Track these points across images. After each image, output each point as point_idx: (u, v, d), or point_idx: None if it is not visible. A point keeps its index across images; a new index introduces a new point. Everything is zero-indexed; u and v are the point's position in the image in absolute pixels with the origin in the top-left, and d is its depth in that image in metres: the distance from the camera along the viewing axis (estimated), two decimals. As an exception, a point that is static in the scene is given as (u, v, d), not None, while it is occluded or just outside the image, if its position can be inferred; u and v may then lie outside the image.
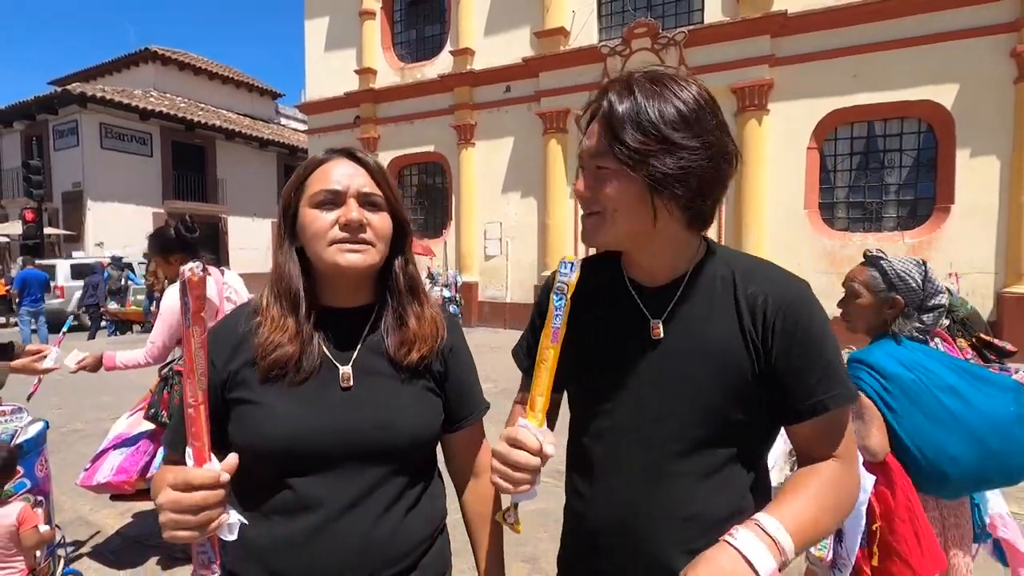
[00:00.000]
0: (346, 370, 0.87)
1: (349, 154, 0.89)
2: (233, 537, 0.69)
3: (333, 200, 0.84)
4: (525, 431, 0.76)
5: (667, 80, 0.78)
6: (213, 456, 0.68)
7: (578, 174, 0.89)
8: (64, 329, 2.56)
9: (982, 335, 5.30)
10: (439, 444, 0.99)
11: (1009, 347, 5.20)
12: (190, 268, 0.67)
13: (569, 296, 0.78)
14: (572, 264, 0.79)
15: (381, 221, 0.87)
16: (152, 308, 10.67)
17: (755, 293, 0.82)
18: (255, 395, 0.83)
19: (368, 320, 0.92)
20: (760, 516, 0.72)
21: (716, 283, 0.85)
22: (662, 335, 0.84)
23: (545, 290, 0.98)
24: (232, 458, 0.69)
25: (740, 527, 0.72)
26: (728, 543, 0.69)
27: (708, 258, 0.87)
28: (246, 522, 0.71)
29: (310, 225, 0.84)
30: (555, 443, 0.77)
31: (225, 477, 0.67)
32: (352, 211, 0.84)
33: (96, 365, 2.28)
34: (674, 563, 0.80)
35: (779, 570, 0.69)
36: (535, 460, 0.74)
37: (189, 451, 0.67)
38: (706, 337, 0.82)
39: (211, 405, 0.79)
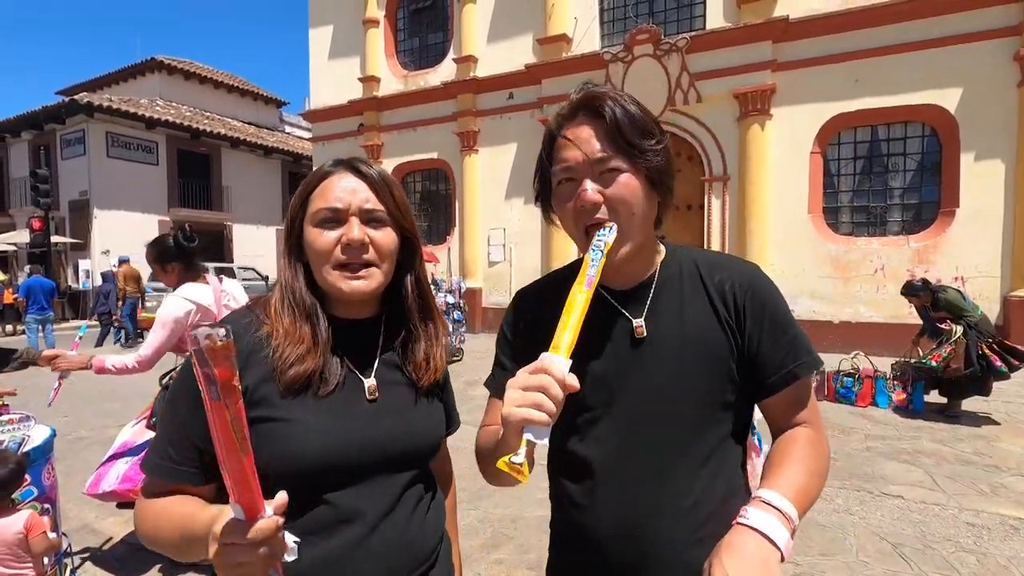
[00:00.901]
0: (371, 383, 0.87)
1: (351, 167, 0.87)
2: (295, 557, 0.65)
3: (335, 218, 0.83)
4: (550, 358, 0.69)
5: (625, 94, 0.86)
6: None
7: (551, 190, 0.90)
8: (80, 334, 2.58)
9: (1005, 341, 5.31)
10: None
11: None
12: (207, 335, 0.55)
13: (606, 253, 0.78)
14: (611, 228, 0.81)
15: (385, 237, 0.86)
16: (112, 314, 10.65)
17: (722, 280, 0.89)
18: (281, 412, 0.79)
19: (380, 331, 0.92)
20: (762, 492, 0.76)
21: (683, 277, 0.91)
22: (645, 333, 0.87)
23: (509, 309, 1.02)
24: (281, 497, 0.64)
25: (748, 507, 0.74)
26: (743, 525, 0.72)
27: (670, 256, 0.94)
28: (299, 541, 0.66)
29: (312, 245, 0.83)
30: (577, 381, 0.69)
31: (280, 520, 0.62)
32: (354, 230, 0.82)
33: (82, 366, 2.30)
34: (686, 555, 0.82)
35: (791, 538, 0.72)
36: (558, 389, 0.67)
37: (238, 506, 0.60)
38: (685, 328, 0.87)
39: None
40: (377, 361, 0.90)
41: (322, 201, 0.84)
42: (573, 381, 0.68)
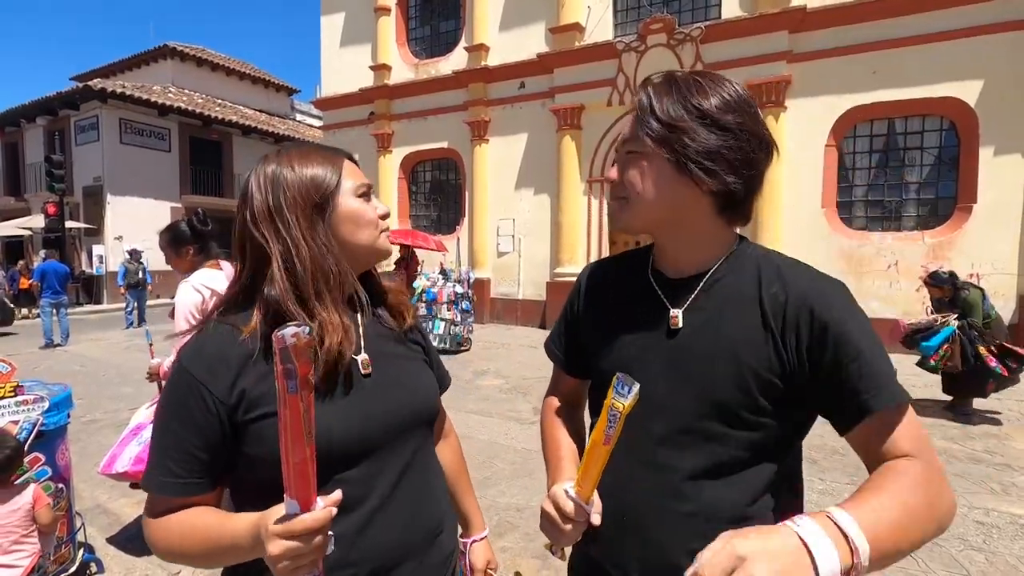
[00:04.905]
0: (364, 357, 0.89)
1: (347, 155, 0.96)
2: (332, 549, 0.69)
3: (368, 193, 0.92)
4: (567, 500, 0.80)
5: (704, 74, 0.83)
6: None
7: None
8: (149, 341, 2.82)
9: (1004, 344, 5.25)
10: None
11: None
12: (293, 332, 0.59)
13: (624, 416, 0.72)
14: (630, 387, 0.72)
15: None
16: None
17: (776, 293, 0.80)
18: None
19: (355, 307, 0.94)
20: (833, 510, 0.62)
21: (743, 280, 0.84)
22: (680, 325, 0.84)
23: (575, 283, 1.04)
24: (336, 494, 0.68)
25: (805, 516, 0.61)
26: (789, 527, 0.59)
27: (738, 254, 0.86)
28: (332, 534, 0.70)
29: (363, 215, 0.90)
30: (600, 511, 0.81)
31: (334, 512, 0.67)
32: (382, 204, 0.94)
33: (153, 373, 2.54)
34: (672, 558, 0.79)
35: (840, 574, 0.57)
36: (569, 527, 0.80)
37: (293, 501, 0.64)
38: (724, 332, 0.81)
39: (215, 436, 0.78)
40: (362, 334, 0.91)
41: (357, 178, 0.91)
42: (595, 519, 0.80)
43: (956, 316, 5.00)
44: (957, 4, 7.45)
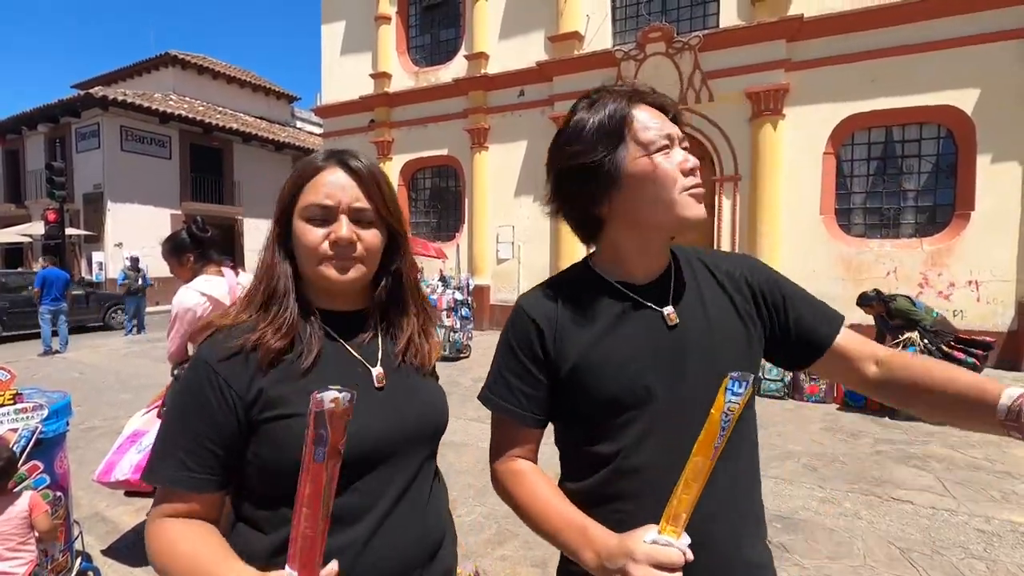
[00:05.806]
0: (379, 371, 0.90)
1: (342, 162, 0.87)
2: None
3: (324, 216, 0.85)
4: (676, 549, 0.70)
5: None
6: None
7: (621, 167, 0.87)
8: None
9: (961, 335, 5.49)
10: None
11: (988, 339, 5.49)
12: (333, 397, 0.58)
13: (737, 415, 0.68)
14: (746, 382, 0.68)
15: (372, 237, 0.88)
16: None
17: (730, 270, 0.93)
18: (299, 408, 0.76)
19: (373, 323, 0.95)
20: (1013, 389, 0.74)
21: (695, 270, 0.93)
22: (678, 320, 0.87)
23: (521, 323, 0.92)
24: (332, 567, 0.67)
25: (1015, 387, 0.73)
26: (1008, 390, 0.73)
27: (679, 252, 0.96)
28: None
29: (301, 239, 0.85)
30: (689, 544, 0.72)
31: None
32: (343, 228, 0.84)
33: None
34: (748, 553, 0.84)
35: None
36: None
37: (293, 574, 0.63)
38: (712, 316, 0.88)
39: (230, 431, 0.79)
40: (380, 350, 0.92)
41: (313, 196, 0.85)
42: (691, 555, 0.71)
43: (912, 329, 5.22)
44: (954, 13, 7.50)
